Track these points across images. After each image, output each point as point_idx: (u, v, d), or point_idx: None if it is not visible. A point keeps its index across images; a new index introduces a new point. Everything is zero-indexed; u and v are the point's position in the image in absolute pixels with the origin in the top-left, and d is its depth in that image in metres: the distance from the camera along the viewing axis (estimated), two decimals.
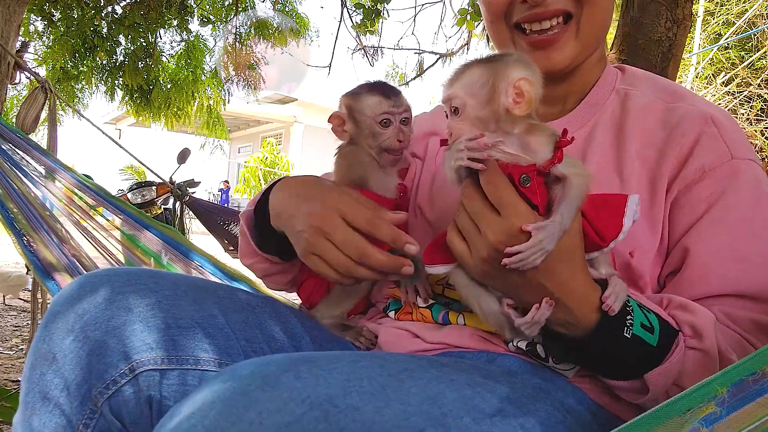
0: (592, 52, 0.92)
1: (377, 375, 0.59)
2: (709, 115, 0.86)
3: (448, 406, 0.59)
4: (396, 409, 0.56)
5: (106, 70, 6.14)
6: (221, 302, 0.83)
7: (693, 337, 0.72)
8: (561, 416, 0.69)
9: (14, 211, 2.13)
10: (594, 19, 0.88)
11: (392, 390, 0.58)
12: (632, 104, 0.91)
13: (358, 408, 0.53)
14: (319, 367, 0.56)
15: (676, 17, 2.19)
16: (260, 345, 0.83)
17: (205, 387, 0.56)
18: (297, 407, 0.51)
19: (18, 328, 3.92)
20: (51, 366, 0.73)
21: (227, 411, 0.51)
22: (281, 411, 0.50)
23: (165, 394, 0.73)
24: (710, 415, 0.47)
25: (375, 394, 0.56)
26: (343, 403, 0.53)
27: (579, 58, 0.91)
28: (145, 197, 4.85)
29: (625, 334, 0.69)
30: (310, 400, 0.52)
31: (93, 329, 0.73)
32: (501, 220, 0.65)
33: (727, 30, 8.55)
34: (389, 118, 0.92)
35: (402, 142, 0.93)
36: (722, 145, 0.83)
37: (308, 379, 0.54)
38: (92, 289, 0.76)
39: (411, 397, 0.58)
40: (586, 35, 0.88)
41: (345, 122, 0.96)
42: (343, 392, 0.54)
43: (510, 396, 0.66)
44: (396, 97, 0.93)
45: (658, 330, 0.70)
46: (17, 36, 3.51)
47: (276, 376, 0.54)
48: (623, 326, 0.69)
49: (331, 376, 0.56)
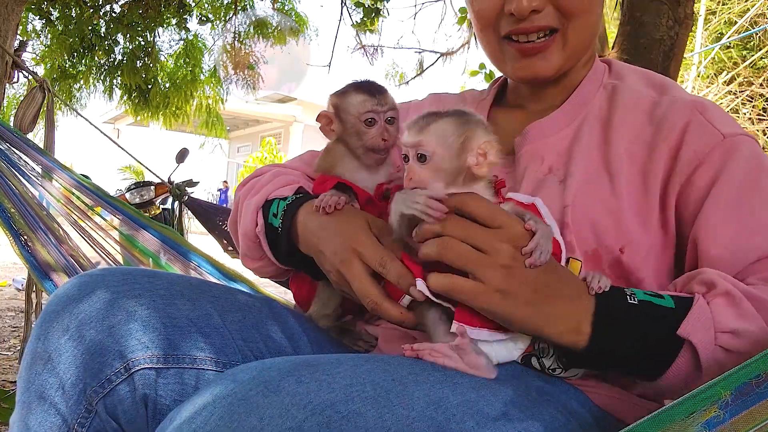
0: (580, 58, 0.93)
1: (380, 379, 0.58)
2: (693, 103, 0.85)
3: (451, 411, 0.59)
4: (399, 414, 0.55)
5: (105, 69, 6.13)
6: (217, 302, 0.83)
7: (708, 290, 0.70)
8: (564, 419, 0.69)
9: (11, 211, 2.13)
10: (581, 31, 0.88)
11: (395, 395, 0.57)
12: (620, 99, 0.90)
13: (360, 413, 0.53)
14: (321, 372, 0.56)
15: (678, 16, 2.18)
16: (257, 345, 0.83)
17: (206, 391, 0.55)
18: (299, 413, 0.51)
19: (16, 329, 3.92)
20: (46, 365, 0.72)
21: (229, 416, 0.51)
22: (283, 417, 0.50)
23: (161, 393, 0.73)
24: (713, 418, 0.47)
25: (378, 399, 0.55)
26: (346, 409, 0.53)
27: (566, 66, 0.91)
28: (144, 197, 4.84)
29: (630, 301, 0.68)
30: (312, 406, 0.52)
31: (88, 329, 0.73)
32: (504, 230, 0.68)
33: (728, 29, 8.56)
34: (374, 117, 0.91)
35: (386, 141, 0.91)
36: (711, 128, 0.82)
37: (310, 384, 0.54)
38: (88, 288, 0.76)
39: (414, 401, 0.57)
40: (573, 46, 0.89)
41: (332, 121, 0.95)
42: (346, 397, 0.54)
43: (513, 399, 0.65)
44: (381, 96, 0.91)
45: (669, 297, 0.70)
46: (15, 35, 3.50)
47: (277, 381, 0.53)
48: (624, 297, 0.69)
49: (334, 381, 0.55)
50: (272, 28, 6.08)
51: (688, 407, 0.48)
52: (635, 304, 0.68)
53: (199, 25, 6.18)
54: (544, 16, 0.86)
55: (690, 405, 0.48)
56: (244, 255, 1.01)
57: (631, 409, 0.78)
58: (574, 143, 0.89)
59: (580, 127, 0.90)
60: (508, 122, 0.98)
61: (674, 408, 0.48)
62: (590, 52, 0.96)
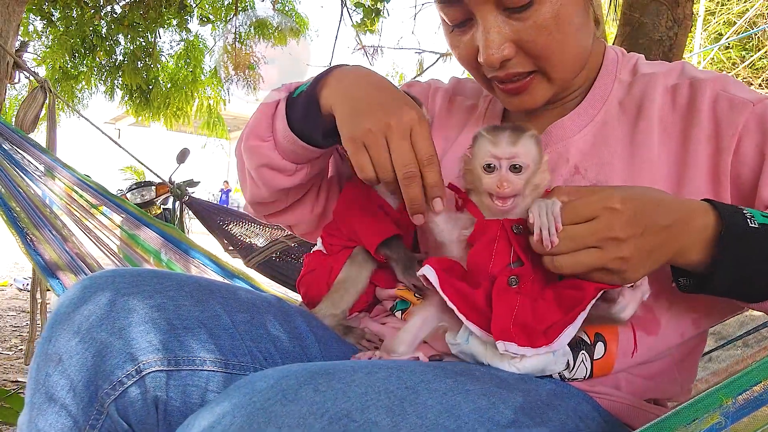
0: (571, 80, 0.90)
1: (395, 388, 0.59)
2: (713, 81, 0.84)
3: (463, 419, 0.59)
4: (413, 423, 0.56)
5: (106, 70, 6.14)
6: (226, 302, 0.83)
7: None
8: (574, 424, 0.70)
9: (17, 210, 2.13)
10: (560, 66, 0.84)
11: (409, 403, 0.58)
12: (637, 88, 0.89)
13: (376, 423, 0.54)
14: (336, 380, 0.57)
15: (677, 17, 2.19)
16: (266, 345, 0.83)
17: (224, 399, 0.56)
18: (316, 422, 0.51)
19: (17, 329, 3.92)
20: (57, 367, 0.73)
21: (248, 425, 0.51)
22: (301, 426, 0.51)
23: (171, 395, 0.74)
24: (715, 425, 0.48)
25: (392, 408, 0.56)
26: (362, 418, 0.53)
27: (558, 93, 0.89)
28: (145, 197, 4.85)
29: (751, 225, 0.68)
30: (329, 415, 0.52)
31: (99, 331, 0.73)
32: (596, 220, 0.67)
33: (727, 29, 8.56)
34: None
35: None
36: (739, 99, 0.81)
37: (327, 393, 0.54)
38: (97, 290, 0.76)
39: (427, 410, 0.58)
40: (558, 78, 0.86)
41: None
42: (362, 406, 0.54)
43: (524, 405, 0.66)
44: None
45: None
46: (16, 35, 3.50)
47: (295, 390, 0.54)
48: (744, 219, 0.68)
49: (349, 390, 0.56)
50: (273, 28, 6.09)
51: (690, 414, 0.48)
52: (757, 228, 0.68)
53: (200, 26, 6.20)
54: (516, 64, 0.83)
55: (693, 412, 0.48)
56: (248, 133, 0.96)
57: (639, 416, 0.79)
58: (598, 141, 0.87)
59: (603, 124, 0.88)
60: (524, 118, 0.96)
61: (676, 415, 0.49)
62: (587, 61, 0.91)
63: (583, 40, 0.85)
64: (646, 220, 0.67)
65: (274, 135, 0.93)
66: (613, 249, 0.66)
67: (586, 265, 0.67)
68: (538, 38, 0.80)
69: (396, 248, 0.94)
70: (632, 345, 0.79)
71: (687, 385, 0.88)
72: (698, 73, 0.88)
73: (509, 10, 0.79)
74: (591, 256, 0.66)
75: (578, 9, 0.81)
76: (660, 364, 0.82)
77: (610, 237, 0.65)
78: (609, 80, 0.92)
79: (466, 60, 0.88)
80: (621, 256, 0.66)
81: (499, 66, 0.82)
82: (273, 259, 2.75)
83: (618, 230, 0.65)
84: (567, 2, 0.79)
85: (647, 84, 0.88)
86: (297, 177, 0.96)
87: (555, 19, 0.79)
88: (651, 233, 0.67)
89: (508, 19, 0.80)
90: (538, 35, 0.80)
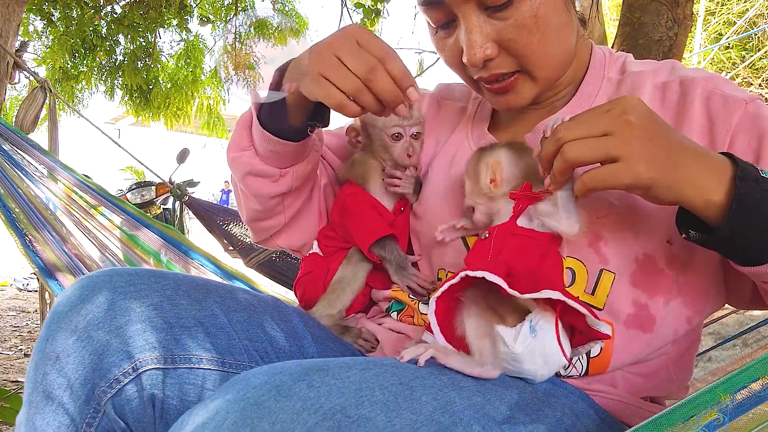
0: (556, 79, 0.90)
1: (389, 384, 0.59)
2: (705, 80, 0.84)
3: (458, 415, 0.59)
4: (407, 418, 0.56)
5: (106, 70, 6.15)
6: (223, 301, 0.83)
7: None
8: (570, 421, 0.70)
9: (16, 211, 2.14)
10: (543, 65, 0.84)
11: (403, 399, 0.58)
12: (625, 88, 0.89)
13: (370, 418, 0.54)
14: (331, 376, 0.57)
15: (677, 17, 2.19)
16: (263, 344, 0.84)
17: (219, 395, 0.56)
18: (310, 417, 0.51)
19: (17, 329, 3.92)
20: (54, 366, 0.73)
21: (242, 421, 0.51)
22: (294, 421, 0.51)
23: (168, 393, 0.74)
24: (713, 421, 0.48)
25: (387, 404, 0.56)
26: (356, 413, 0.53)
27: (543, 91, 0.89)
28: (145, 197, 4.85)
29: (763, 175, 0.65)
30: (323, 411, 0.52)
31: (96, 329, 0.73)
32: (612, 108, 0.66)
33: (727, 29, 8.57)
34: (400, 131, 0.94)
35: (411, 158, 0.94)
36: (731, 98, 0.81)
37: (321, 389, 0.54)
38: (95, 290, 0.77)
39: (422, 405, 0.58)
40: (542, 77, 0.86)
41: (359, 134, 0.99)
42: (356, 402, 0.55)
43: (519, 402, 0.66)
44: (408, 110, 0.92)
45: None
46: (16, 36, 3.50)
47: (289, 386, 0.54)
48: (754, 168, 0.66)
49: (344, 386, 0.56)
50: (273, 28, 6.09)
51: (687, 411, 0.48)
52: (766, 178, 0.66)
53: (200, 26, 6.20)
54: (499, 64, 0.83)
55: (691, 408, 0.48)
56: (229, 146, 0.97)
57: (636, 413, 0.79)
58: None
59: None
60: (514, 118, 0.97)
61: (673, 412, 0.48)
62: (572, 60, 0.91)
63: (564, 40, 0.86)
64: (662, 130, 0.66)
65: (252, 142, 0.93)
66: (626, 131, 0.63)
67: (596, 150, 0.64)
68: (518, 37, 0.81)
69: (389, 248, 0.95)
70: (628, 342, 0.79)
71: (683, 383, 0.88)
72: (688, 72, 0.88)
73: (490, 10, 0.80)
74: (601, 141, 0.64)
75: (558, 8, 0.82)
76: (656, 362, 0.82)
77: (623, 119, 0.64)
78: (597, 79, 0.92)
79: (452, 62, 0.89)
80: (631, 135, 0.63)
81: (483, 65, 0.83)
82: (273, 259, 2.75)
83: (631, 115, 0.64)
84: (546, 1, 0.80)
85: (636, 82, 0.88)
86: (283, 182, 0.95)
87: (534, 18, 0.80)
88: (666, 139, 0.65)
89: (490, 18, 0.80)
90: (519, 34, 0.80)
